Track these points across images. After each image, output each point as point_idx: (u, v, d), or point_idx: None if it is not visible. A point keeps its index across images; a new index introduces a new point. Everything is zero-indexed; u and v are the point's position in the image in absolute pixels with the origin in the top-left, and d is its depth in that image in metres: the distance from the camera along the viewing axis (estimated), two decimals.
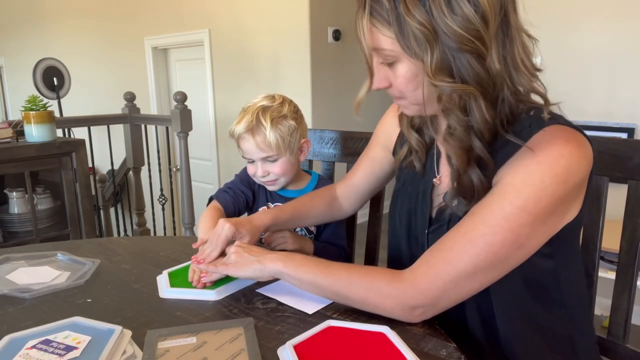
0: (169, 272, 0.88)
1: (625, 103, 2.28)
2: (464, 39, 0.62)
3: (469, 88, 0.64)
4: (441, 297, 0.68)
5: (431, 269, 0.68)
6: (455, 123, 0.68)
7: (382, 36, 0.66)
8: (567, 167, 0.64)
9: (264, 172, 1.11)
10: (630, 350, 0.87)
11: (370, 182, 1.04)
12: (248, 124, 1.08)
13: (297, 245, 1.05)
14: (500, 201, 0.66)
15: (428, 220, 0.80)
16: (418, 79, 0.68)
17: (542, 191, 0.64)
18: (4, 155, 1.87)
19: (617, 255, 0.88)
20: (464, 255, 0.66)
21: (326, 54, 3.59)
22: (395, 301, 0.69)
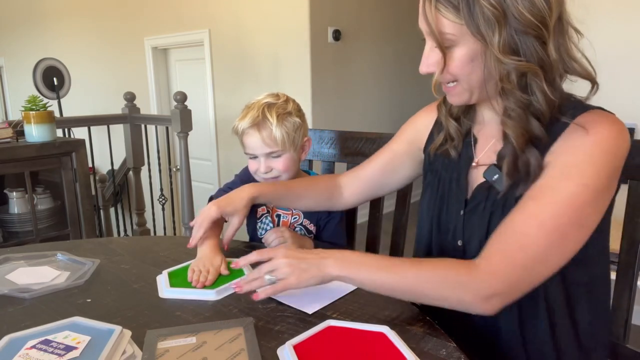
0: (169, 272, 0.88)
1: (625, 103, 2.28)
2: (531, 23, 0.65)
3: (534, 67, 0.67)
4: (518, 283, 0.68)
5: (507, 256, 0.68)
6: (514, 104, 0.70)
7: (445, 20, 0.68)
8: (617, 145, 0.68)
9: (266, 168, 1.10)
10: (630, 350, 0.87)
11: (384, 173, 1.01)
12: (254, 119, 1.08)
13: (297, 245, 1.04)
14: (564, 181, 0.67)
15: (464, 203, 0.81)
16: (475, 62, 0.70)
17: (601, 168, 0.67)
18: (4, 155, 1.87)
19: (617, 255, 0.88)
20: (537, 238, 0.67)
21: (326, 54, 3.59)
22: (475, 292, 0.68)
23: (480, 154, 0.82)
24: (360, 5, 3.87)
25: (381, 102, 4.22)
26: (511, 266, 0.67)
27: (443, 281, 0.69)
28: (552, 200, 0.67)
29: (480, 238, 0.76)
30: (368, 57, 4.03)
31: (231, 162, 3.97)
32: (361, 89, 4.03)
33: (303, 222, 1.16)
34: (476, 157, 0.82)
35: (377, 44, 4.10)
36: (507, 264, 0.67)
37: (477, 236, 0.77)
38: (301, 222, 1.16)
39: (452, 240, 0.82)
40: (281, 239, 1.04)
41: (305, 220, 1.16)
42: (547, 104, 0.69)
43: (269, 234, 1.05)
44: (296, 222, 1.16)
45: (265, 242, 1.05)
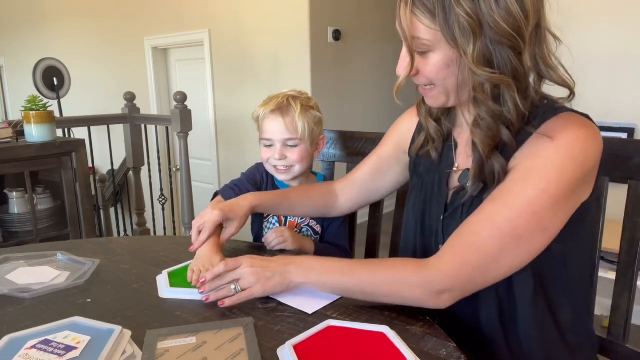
0: (169, 272, 0.88)
1: (625, 103, 2.28)
2: (506, 33, 0.65)
3: (507, 79, 0.67)
4: (469, 282, 0.70)
5: (458, 254, 0.70)
6: (485, 113, 0.70)
7: (421, 25, 0.68)
8: (584, 150, 0.67)
9: (281, 155, 1.11)
10: (630, 350, 0.87)
11: (374, 178, 1.03)
12: (278, 104, 1.10)
13: (297, 246, 1.05)
14: (522, 185, 0.68)
15: (444, 207, 0.82)
16: (450, 68, 0.70)
17: (562, 174, 0.66)
18: (4, 155, 1.87)
19: (617, 255, 0.88)
20: (490, 239, 0.68)
21: (326, 54, 3.59)
22: (423, 289, 0.71)
23: (461, 158, 0.82)
24: (360, 5, 3.88)
25: (381, 102, 4.22)
26: (461, 264, 0.70)
27: (395, 281, 0.73)
28: (509, 203, 0.68)
29: None
30: (368, 57, 4.04)
31: (231, 162, 3.97)
32: (361, 89, 4.03)
33: (310, 222, 1.16)
34: (457, 162, 0.83)
35: (377, 44, 4.10)
36: (457, 262, 0.70)
37: None
38: (308, 222, 1.16)
39: (434, 244, 0.83)
40: (281, 239, 1.04)
41: (312, 220, 1.16)
42: (517, 115, 0.69)
43: (269, 234, 1.05)
44: (303, 222, 1.16)
45: (266, 242, 1.06)
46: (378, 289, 0.74)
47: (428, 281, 0.71)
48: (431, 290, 0.71)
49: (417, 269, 0.72)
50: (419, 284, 0.71)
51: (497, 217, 0.68)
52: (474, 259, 0.69)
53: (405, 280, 0.72)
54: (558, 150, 0.67)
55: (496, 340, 0.77)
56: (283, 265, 0.78)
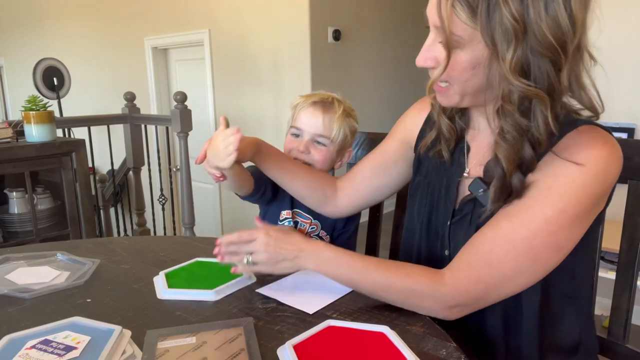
0: (166, 273, 0.88)
1: (625, 103, 2.28)
2: (550, 45, 0.60)
3: (543, 94, 0.62)
4: (481, 298, 0.70)
5: (473, 272, 0.69)
6: (510, 127, 0.66)
7: (457, 20, 0.62)
8: (606, 169, 0.65)
9: (306, 148, 1.07)
10: (630, 350, 0.87)
11: (376, 174, 0.98)
12: (324, 99, 1.07)
13: None
14: (541, 204, 0.66)
15: (451, 212, 0.80)
16: (476, 70, 0.66)
17: (582, 193, 0.65)
18: (4, 155, 1.87)
19: (617, 255, 0.88)
20: (505, 258, 0.67)
21: (326, 54, 3.59)
22: (436, 303, 0.71)
23: (472, 163, 0.80)
24: (360, 5, 3.88)
25: (381, 102, 4.22)
26: (476, 282, 0.69)
27: (409, 291, 0.72)
28: (526, 221, 0.66)
29: None
30: (368, 57, 4.04)
31: None
32: (361, 89, 4.03)
33: (320, 232, 1.13)
34: (468, 167, 0.80)
35: (377, 44, 4.10)
36: (472, 279, 0.69)
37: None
38: (318, 232, 1.13)
39: (440, 249, 0.82)
40: None
41: (322, 231, 1.13)
42: (546, 134, 0.64)
43: None
44: (313, 232, 1.13)
45: None
46: (390, 294, 0.73)
47: (442, 297, 0.70)
48: (444, 305, 0.71)
49: (433, 284, 0.70)
50: (433, 298, 0.70)
51: (514, 236, 0.67)
52: (489, 278, 0.68)
53: (420, 292, 0.71)
54: (580, 169, 0.64)
55: (497, 346, 0.77)
56: (297, 250, 0.76)
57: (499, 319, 0.76)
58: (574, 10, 0.60)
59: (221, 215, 4.14)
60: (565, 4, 0.60)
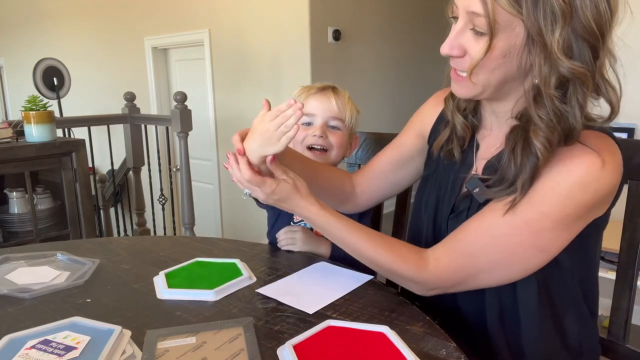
0: (166, 273, 0.88)
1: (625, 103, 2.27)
2: (592, 30, 0.61)
3: (588, 74, 0.62)
4: (460, 284, 0.73)
5: (454, 261, 0.72)
6: (545, 115, 0.64)
7: (497, 6, 0.61)
8: (597, 178, 0.64)
9: (322, 132, 1.04)
10: (630, 350, 0.87)
11: (393, 169, 0.97)
12: (329, 85, 1.08)
13: (307, 248, 1.01)
14: (525, 205, 0.66)
15: (451, 207, 0.81)
16: (506, 59, 0.64)
17: (568, 200, 0.64)
18: (4, 155, 1.87)
19: (617, 255, 0.88)
20: (485, 250, 0.69)
21: (326, 54, 3.58)
22: (417, 285, 0.76)
23: (480, 162, 0.80)
24: (360, 6, 3.87)
25: (381, 102, 4.22)
26: (456, 270, 0.72)
27: (393, 268, 0.76)
28: (508, 220, 0.68)
29: None
30: (368, 57, 4.03)
31: None
32: (361, 89, 4.03)
33: None
34: (475, 164, 0.81)
35: (377, 44, 4.10)
36: (452, 268, 0.72)
37: None
38: None
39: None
40: (290, 240, 1.02)
41: None
42: (579, 124, 0.63)
43: (282, 232, 1.03)
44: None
45: (278, 238, 1.04)
46: (374, 263, 0.78)
47: (424, 281, 0.75)
48: (424, 287, 0.76)
49: (416, 269, 0.74)
50: (415, 281, 0.75)
51: (496, 231, 0.69)
52: (469, 268, 0.71)
53: (404, 275, 0.76)
54: (568, 175, 0.64)
55: (499, 346, 0.77)
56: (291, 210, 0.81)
57: (497, 317, 0.76)
58: (611, 1, 0.62)
59: (221, 215, 4.14)
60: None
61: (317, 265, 0.92)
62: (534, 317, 0.74)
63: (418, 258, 0.75)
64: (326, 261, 0.95)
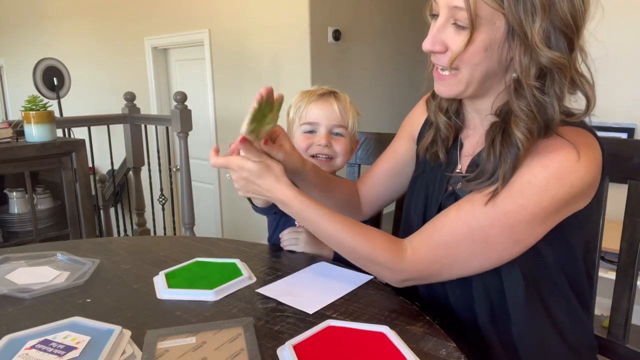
0: (166, 273, 0.88)
1: (625, 103, 2.28)
2: (568, 22, 0.63)
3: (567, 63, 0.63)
4: (434, 276, 0.74)
5: (431, 251, 0.73)
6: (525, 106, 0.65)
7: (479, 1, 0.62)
8: (573, 172, 0.65)
9: (327, 141, 1.04)
10: (630, 350, 0.87)
11: (391, 176, 0.98)
12: (329, 90, 1.06)
13: (310, 249, 1.01)
14: (503, 197, 0.67)
15: (438, 207, 0.81)
16: (488, 52, 0.66)
17: (545, 193, 0.65)
18: (4, 155, 1.87)
19: (617, 255, 0.88)
20: (461, 242, 0.70)
21: (326, 54, 3.58)
22: (393, 275, 0.77)
23: (464, 160, 0.81)
24: (360, 5, 3.87)
25: (381, 102, 4.22)
26: (432, 261, 0.73)
27: (371, 260, 0.77)
28: (486, 211, 0.68)
29: None
30: (368, 57, 4.03)
31: None
32: (361, 89, 4.03)
33: None
34: (460, 163, 0.82)
35: (377, 44, 4.10)
36: (429, 258, 0.73)
37: None
38: None
39: None
40: (293, 240, 1.02)
41: None
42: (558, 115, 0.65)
43: (285, 232, 1.03)
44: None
45: (281, 240, 1.04)
46: (351, 256, 0.79)
47: (400, 271, 0.75)
48: (400, 278, 0.77)
49: (394, 258, 0.75)
50: (391, 271, 0.76)
51: (473, 222, 0.69)
52: (445, 258, 0.72)
53: (381, 263, 0.76)
54: (544, 169, 0.65)
55: (492, 342, 0.77)
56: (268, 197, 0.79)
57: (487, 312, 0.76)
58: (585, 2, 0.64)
59: (221, 215, 4.14)
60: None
61: (317, 266, 0.93)
62: (523, 311, 0.73)
63: (396, 247, 0.75)
64: (326, 261, 0.95)
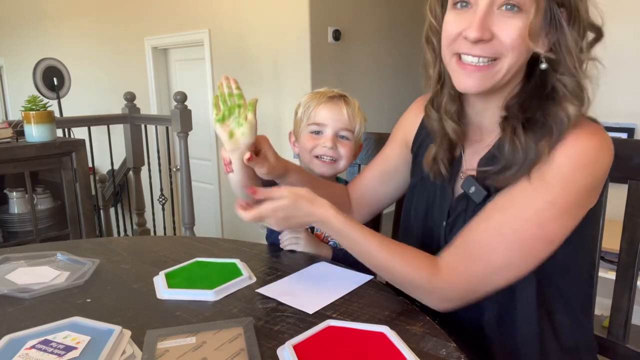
0: (166, 273, 0.88)
1: (625, 103, 2.28)
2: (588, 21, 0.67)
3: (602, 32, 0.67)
4: (474, 292, 0.71)
5: (467, 267, 0.70)
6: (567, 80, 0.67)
7: None
8: (595, 159, 0.65)
9: (334, 143, 1.05)
10: (630, 350, 0.87)
11: (382, 182, 0.99)
12: (340, 94, 1.06)
13: (310, 249, 1.01)
14: (531, 195, 0.66)
15: (447, 213, 0.80)
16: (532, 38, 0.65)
17: (572, 184, 0.65)
18: (4, 155, 1.87)
19: (617, 255, 0.88)
20: (498, 252, 0.68)
21: (326, 54, 3.58)
22: (431, 296, 0.73)
23: (468, 163, 0.80)
24: (360, 5, 3.87)
25: (381, 102, 4.22)
26: (470, 277, 0.70)
27: (408, 280, 0.74)
28: (517, 214, 0.67)
29: None
30: (368, 57, 4.03)
31: None
32: (361, 89, 4.02)
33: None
34: (464, 166, 0.80)
35: (377, 44, 4.10)
36: (466, 275, 0.70)
37: None
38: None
39: (436, 250, 0.81)
40: (294, 239, 1.02)
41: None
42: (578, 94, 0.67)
43: (285, 232, 1.03)
44: (330, 236, 1.09)
45: (281, 240, 1.04)
46: (388, 275, 0.76)
47: (438, 291, 0.72)
48: (438, 298, 0.73)
49: (430, 277, 0.72)
50: (429, 291, 0.73)
51: (506, 229, 0.67)
52: (482, 272, 0.69)
53: (417, 284, 0.73)
54: (567, 160, 0.65)
55: (493, 341, 0.77)
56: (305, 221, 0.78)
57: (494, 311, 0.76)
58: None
59: (221, 215, 4.14)
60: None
61: (317, 266, 0.93)
62: (530, 310, 0.73)
63: (431, 265, 0.73)
64: (326, 261, 0.95)
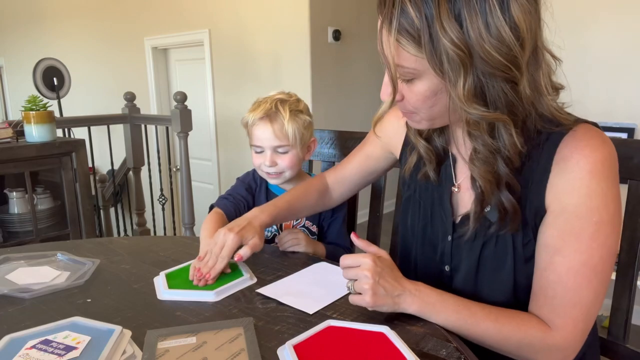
0: (166, 274, 0.88)
1: (625, 103, 2.28)
2: (499, 64, 0.58)
3: (502, 116, 0.62)
4: (582, 336, 0.69)
5: (573, 320, 0.68)
6: (482, 147, 0.67)
7: (406, 54, 0.62)
8: (612, 166, 0.66)
9: (272, 162, 1.10)
10: (630, 350, 0.87)
11: (363, 176, 1.05)
12: (267, 111, 1.09)
13: (310, 249, 1.03)
14: (580, 224, 0.66)
15: (452, 227, 0.79)
16: (438, 95, 0.65)
17: (607, 197, 0.65)
18: (4, 155, 1.87)
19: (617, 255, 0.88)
20: (582, 290, 0.66)
21: (326, 54, 3.59)
22: (548, 356, 0.69)
23: (461, 175, 0.79)
24: (360, 5, 3.88)
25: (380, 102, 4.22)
26: (579, 330, 0.68)
27: (523, 345, 0.69)
28: (576, 247, 0.66)
29: (469, 266, 0.76)
30: (368, 57, 4.04)
31: (231, 162, 3.97)
32: (361, 89, 4.03)
33: (305, 223, 1.16)
34: (457, 180, 0.80)
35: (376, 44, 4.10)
36: (574, 328, 0.68)
37: (466, 264, 0.77)
38: (303, 223, 1.15)
39: (439, 264, 0.81)
40: (295, 240, 1.03)
41: (307, 222, 1.16)
42: (514, 152, 0.65)
43: (284, 235, 1.04)
44: (298, 224, 1.16)
45: (279, 242, 1.04)
46: (502, 346, 0.70)
47: (553, 350, 0.69)
48: (556, 356, 0.69)
49: (543, 335, 0.69)
50: (544, 351, 0.69)
51: (576, 266, 0.66)
52: (581, 315, 0.67)
53: (534, 345, 0.69)
54: (593, 176, 0.64)
55: None
56: (400, 288, 0.71)
57: None
58: (516, 20, 0.58)
59: None
60: (504, 16, 0.57)
61: (317, 265, 0.93)
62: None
63: (543, 328, 0.69)
64: (326, 261, 0.95)
